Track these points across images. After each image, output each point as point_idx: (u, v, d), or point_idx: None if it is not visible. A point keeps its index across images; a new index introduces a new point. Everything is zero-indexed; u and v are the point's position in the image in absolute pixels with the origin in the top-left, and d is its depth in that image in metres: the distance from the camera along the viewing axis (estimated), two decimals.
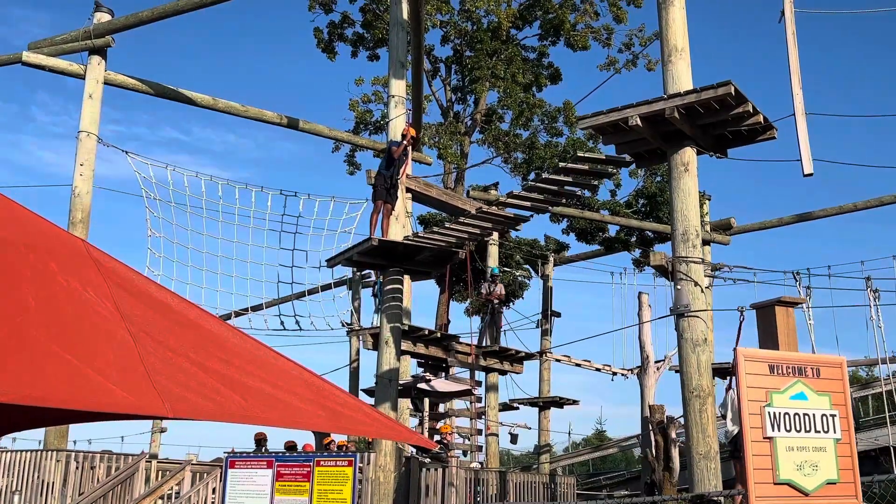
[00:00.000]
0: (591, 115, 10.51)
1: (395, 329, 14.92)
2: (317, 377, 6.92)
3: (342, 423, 6.29)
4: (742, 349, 5.86)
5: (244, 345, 6.79)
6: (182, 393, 5.85)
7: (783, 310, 8.09)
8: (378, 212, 14.71)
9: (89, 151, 18.23)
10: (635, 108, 10.19)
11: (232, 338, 6.79)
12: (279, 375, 6.70)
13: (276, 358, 6.82)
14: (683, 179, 10.39)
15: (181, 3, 18.00)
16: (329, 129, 21.37)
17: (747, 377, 5.63)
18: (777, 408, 5.67)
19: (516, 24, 26.49)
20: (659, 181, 26.05)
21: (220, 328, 6.85)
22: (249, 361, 6.59)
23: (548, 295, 27.23)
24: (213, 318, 6.96)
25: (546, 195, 12.31)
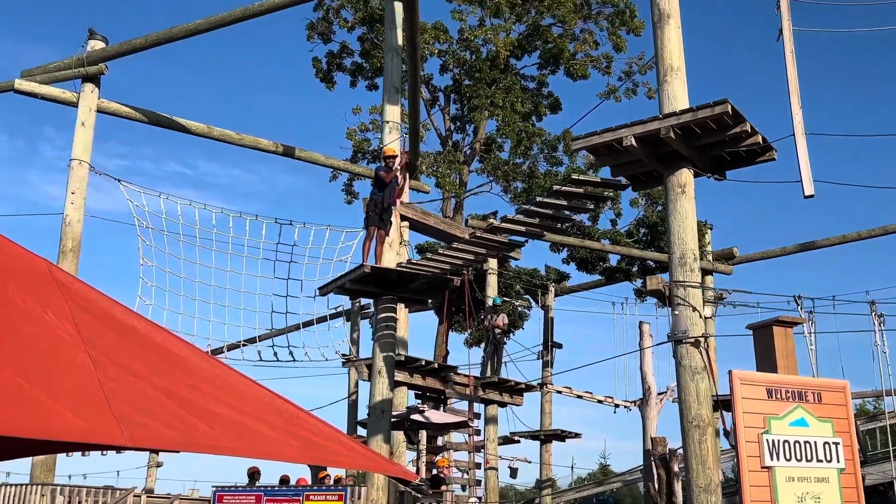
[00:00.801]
0: (584, 135, 10.23)
1: (388, 358, 14.55)
2: (290, 404, 6.54)
3: (315, 452, 5.92)
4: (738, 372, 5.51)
5: (213, 370, 6.43)
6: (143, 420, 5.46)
7: (781, 330, 7.71)
8: (371, 238, 14.39)
9: (81, 180, 18.01)
10: (630, 128, 9.91)
11: (200, 362, 6.43)
12: (249, 402, 6.33)
13: (246, 384, 6.46)
14: (680, 202, 10.09)
15: (174, 31, 17.86)
16: (325, 158, 21.15)
17: (743, 402, 5.28)
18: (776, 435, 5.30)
19: (515, 53, 26.37)
20: (660, 210, 25.75)
21: (188, 352, 6.49)
22: (218, 387, 6.22)
23: (549, 326, 26.83)
24: (181, 342, 6.62)
25: (541, 219, 11.99)
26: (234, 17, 17.43)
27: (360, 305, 25.71)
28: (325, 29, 26.28)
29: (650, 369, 20.28)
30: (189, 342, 6.91)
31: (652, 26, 10.73)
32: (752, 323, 8.72)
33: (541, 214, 11.99)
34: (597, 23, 27.19)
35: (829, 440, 5.62)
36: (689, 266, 9.90)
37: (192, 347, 6.68)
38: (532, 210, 11.85)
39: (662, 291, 9.80)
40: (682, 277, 9.86)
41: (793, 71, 10.08)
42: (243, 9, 17.37)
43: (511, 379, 22.04)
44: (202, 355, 6.70)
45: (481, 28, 25.10)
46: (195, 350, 6.71)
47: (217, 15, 17.57)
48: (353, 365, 21.98)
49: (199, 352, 6.69)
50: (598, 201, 11.55)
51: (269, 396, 6.67)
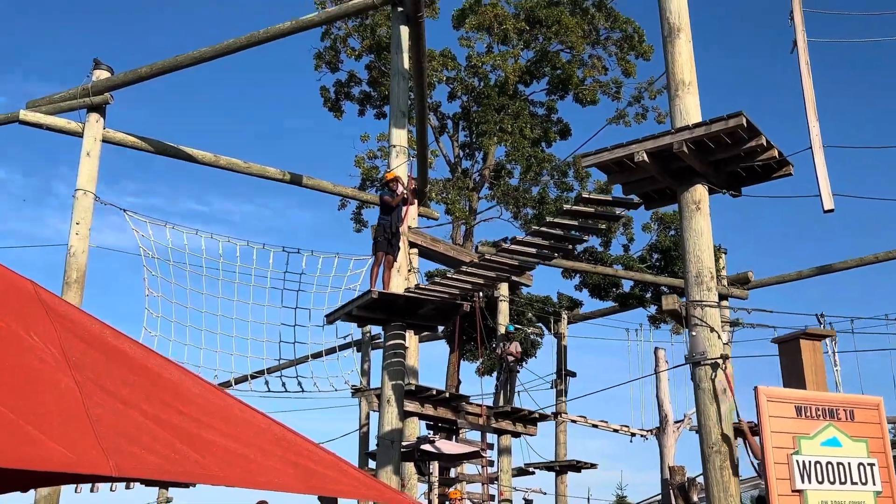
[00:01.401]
0: (594, 152, 9.94)
1: (397, 387, 14.19)
2: (288, 431, 6.18)
3: (314, 481, 5.56)
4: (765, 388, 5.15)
5: (207, 395, 6.08)
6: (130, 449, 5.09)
7: (809, 344, 7.32)
8: (379, 264, 14.10)
9: (86, 210, 17.80)
10: (641, 144, 9.61)
11: (193, 388, 6.08)
12: (245, 429, 5.96)
13: (242, 410, 6.10)
14: (695, 219, 9.75)
15: (180, 59, 17.73)
16: (333, 185, 20.94)
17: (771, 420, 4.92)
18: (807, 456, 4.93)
19: (524, 79, 26.20)
20: (672, 235, 25.40)
21: (180, 377, 6.15)
22: (212, 414, 5.86)
23: (562, 354, 26.41)
24: (174, 367, 6.28)
25: (552, 241, 11.68)
26: (239, 44, 17.29)
27: (370, 335, 25.37)
28: (332, 58, 26.20)
29: (667, 396, 19.81)
30: (182, 366, 6.60)
31: (662, 41, 10.47)
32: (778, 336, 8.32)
33: (551, 236, 11.68)
34: (605, 48, 27.05)
35: (864, 461, 5.24)
36: (706, 285, 9.54)
37: (185, 372, 6.36)
38: (542, 231, 11.55)
39: (679, 312, 9.44)
40: (699, 297, 9.50)
41: (808, 83, 9.78)
42: (248, 36, 17.23)
43: (524, 408, 21.62)
44: (196, 380, 6.37)
45: (489, 55, 24.97)
46: (188, 375, 6.38)
47: (222, 43, 17.43)
48: (362, 395, 21.60)
49: (192, 376, 6.37)
50: (609, 220, 11.24)
51: (265, 422, 6.32)
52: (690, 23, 10.46)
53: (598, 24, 26.41)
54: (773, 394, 5.07)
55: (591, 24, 26.26)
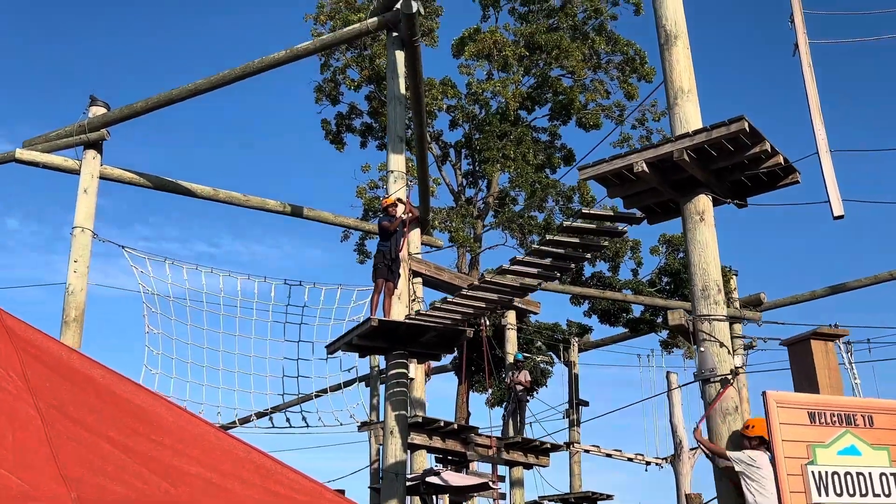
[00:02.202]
0: (592, 164, 9.61)
1: (401, 417, 13.77)
2: (269, 459, 5.78)
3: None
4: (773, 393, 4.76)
5: (182, 422, 5.70)
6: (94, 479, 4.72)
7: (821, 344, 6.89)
8: (379, 291, 13.76)
9: (84, 247, 17.54)
10: (640, 154, 9.28)
11: (167, 415, 5.71)
12: (222, 457, 5.57)
13: (218, 437, 5.71)
14: (699, 230, 9.38)
15: (174, 93, 17.56)
16: (334, 216, 20.67)
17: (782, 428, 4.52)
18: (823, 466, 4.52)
19: (525, 105, 25.99)
20: (682, 258, 24.97)
21: (154, 404, 5.78)
22: (186, 441, 5.48)
23: (573, 383, 25.91)
24: (146, 393, 5.91)
25: (553, 259, 11.32)
26: (234, 75, 17.11)
27: (378, 369, 24.96)
28: (332, 90, 26.08)
29: (681, 422, 19.33)
30: (156, 393, 6.24)
31: (658, 49, 10.18)
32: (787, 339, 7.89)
33: (552, 254, 11.33)
34: (607, 72, 26.85)
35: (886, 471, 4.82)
36: (713, 298, 9.14)
37: (158, 398, 5.99)
38: (543, 250, 11.19)
39: (685, 327, 9.05)
40: (706, 311, 9.10)
41: (812, 86, 9.45)
42: (243, 66, 17.06)
43: (536, 438, 21.13)
44: (170, 407, 6.00)
45: (489, 81, 24.78)
46: (162, 401, 6.01)
47: (217, 74, 17.26)
48: (369, 429, 21.15)
49: (166, 403, 6.00)
50: (611, 237, 10.88)
51: (244, 450, 5.93)
52: (687, 29, 10.17)
53: (598, 49, 26.22)
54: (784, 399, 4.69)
55: (591, 48, 26.08)
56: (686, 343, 25.95)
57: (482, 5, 26.76)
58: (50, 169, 18.29)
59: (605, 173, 9.54)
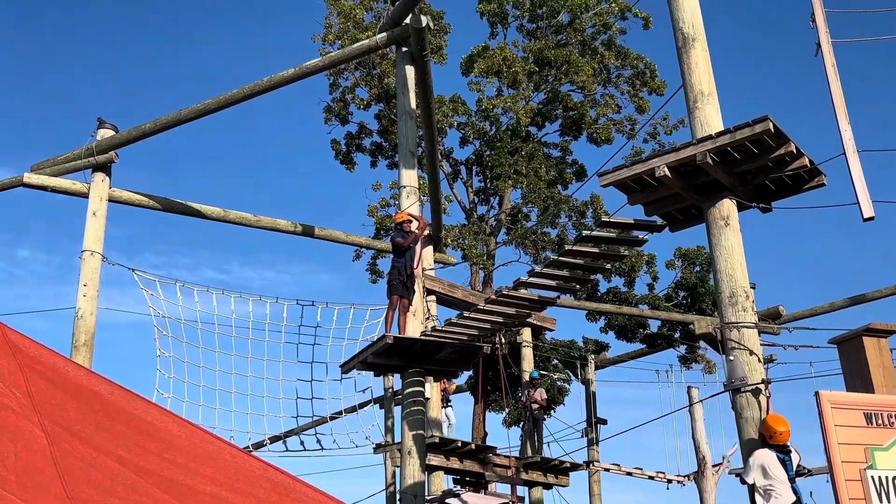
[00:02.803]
0: (612, 169, 9.35)
1: (419, 437, 13.45)
2: (286, 476, 5.49)
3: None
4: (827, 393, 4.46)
5: (194, 439, 5.43)
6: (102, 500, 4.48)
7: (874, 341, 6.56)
8: (393, 308, 13.47)
9: (93, 271, 17.35)
10: (662, 158, 9.02)
11: (179, 432, 5.43)
12: (236, 475, 5.29)
13: (233, 454, 5.43)
14: (724, 235, 9.10)
15: (183, 113, 17.42)
16: (346, 235, 20.44)
17: (838, 431, 4.23)
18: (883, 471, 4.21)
19: (535, 121, 25.77)
20: (698, 271, 24.64)
21: (165, 421, 5.51)
22: (199, 459, 5.21)
23: (591, 401, 25.50)
24: (157, 410, 5.63)
25: (572, 271, 11.04)
26: (243, 94, 16.96)
27: (393, 391, 24.64)
28: (341, 110, 25.93)
29: (703, 438, 18.92)
30: (167, 409, 5.96)
31: (676, 51, 9.93)
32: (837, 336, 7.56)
33: (571, 265, 11.05)
34: (617, 86, 26.62)
35: None
36: (741, 305, 8.84)
37: (170, 415, 5.72)
38: (561, 261, 10.92)
39: (713, 336, 8.74)
40: (734, 318, 8.80)
41: (836, 86, 9.18)
42: (252, 85, 16.90)
43: (554, 458, 20.75)
44: (182, 424, 5.72)
45: (499, 98, 24.58)
46: (174, 418, 5.74)
47: (226, 94, 17.11)
48: (385, 450, 20.80)
49: (178, 420, 5.73)
50: (632, 245, 10.60)
51: (260, 467, 5.64)
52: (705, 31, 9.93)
53: (608, 63, 26.02)
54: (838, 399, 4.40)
55: (601, 63, 25.88)
56: (705, 358, 25.56)
57: (490, 22, 26.63)
58: (58, 193, 18.13)
59: (626, 179, 9.29)
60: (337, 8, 23.97)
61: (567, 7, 25.94)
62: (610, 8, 26.05)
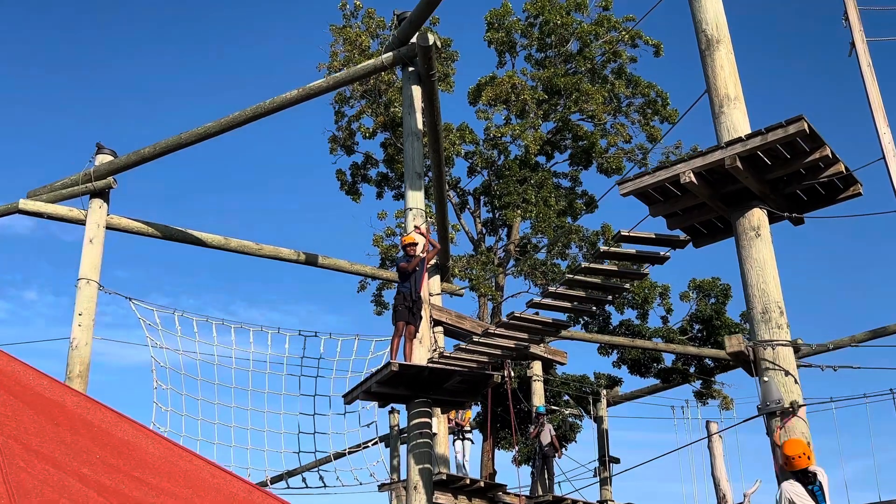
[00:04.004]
0: (634, 177, 8.73)
1: (425, 471, 12.69)
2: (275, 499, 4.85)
3: None
4: None
5: (170, 457, 4.77)
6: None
7: None
8: (399, 335, 12.79)
9: (89, 300, 16.73)
10: (687, 163, 8.40)
11: (151, 447, 4.79)
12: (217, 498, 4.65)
13: (214, 475, 4.77)
14: (755, 247, 8.44)
15: (183, 137, 16.91)
16: (350, 264, 19.81)
17: None
18: None
19: (544, 149, 25.24)
20: (713, 303, 23.91)
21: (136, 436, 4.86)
22: (173, 479, 4.53)
23: (604, 439, 24.67)
24: (128, 422, 4.99)
25: (588, 291, 10.38)
26: (245, 116, 16.46)
27: (398, 429, 23.87)
28: (346, 139, 25.46)
29: (723, 474, 18.09)
30: (140, 424, 5.30)
31: (700, 54, 9.37)
32: None
33: (588, 284, 10.39)
34: (627, 116, 26.12)
35: None
36: (776, 322, 8.17)
37: (143, 429, 5.07)
38: (578, 280, 10.26)
39: (745, 354, 8.05)
40: (768, 336, 8.12)
41: (873, 86, 8.60)
42: (254, 107, 16.41)
43: (567, 497, 19.92)
44: (156, 439, 5.07)
45: (508, 126, 24.08)
46: (147, 433, 5.08)
47: (227, 116, 16.61)
48: (390, 489, 19.98)
49: (152, 435, 5.07)
50: (653, 263, 9.95)
51: (245, 490, 4.97)
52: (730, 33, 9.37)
53: (618, 92, 25.56)
54: None
55: (611, 92, 25.41)
56: (722, 394, 24.72)
57: (498, 52, 26.23)
58: (54, 219, 17.57)
59: (647, 187, 8.66)
60: (342, 35, 23.60)
61: (576, 35, 25.55)
62: (620, 36, 25.64)
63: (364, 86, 24.02)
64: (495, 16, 25.76)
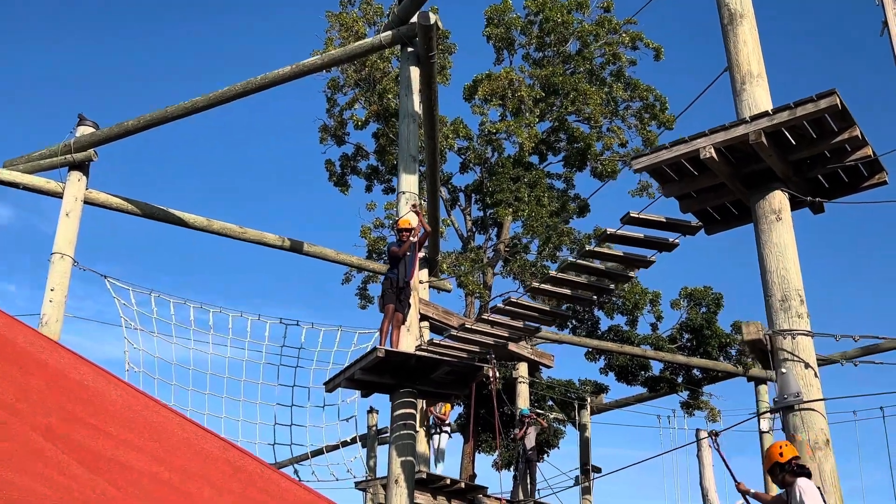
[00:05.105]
0: (649, 151, 8.19)
1: (407, 464, 12.07)
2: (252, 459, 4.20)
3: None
4: None
5: (135, 406, 4.15)
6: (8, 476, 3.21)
7: None
8: (389, 319, 12.18)
9: (62, 275, 16.03)
10: (708, 137, 7.86)
11: (115, 395, 4.17)
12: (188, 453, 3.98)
13: (184, 427, 4.14)
14: (776, 231, 7.91)
15: (170, 111, 16.28)
16: (336, 253, 19.18)
17: None
18: None
19: (539, 149, 24.72)
20: (704, 312, 23.43)
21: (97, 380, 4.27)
22: (138, 430, 3.84)
23: (586, 447, 24.13)
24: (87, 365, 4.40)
25: (589, 276, 9.83)
26: (234, 91, 15.86)
27: (376, 429, 23.23)
28: (337, 130, 24.85)
29: (712, 485, 17.55)
30: (106, 370, 4.69)
31: (721, 29, 8.86)
32: None
33: (591, 271, 9.84)
34: (624, 119, 25.65)
35: None
36: (796, 311, 7.63)
37: (105, 374, 4.46)
38: (580, 264, 9.71)
39: (763, 343, 7.50)
40: (787, 325, 7.59)
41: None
42: (245, 83, 15.81)
43: (547, 503, 19.37)
44: (120, 384, 4.46)
45: (504, 122, 23.54)
46: (109, 377, 4.48)
47: (217, 91, 16.00)
48: (367, 486, 19.33)
49: (113, 379, 4.46)
50: (662, 250, 9.41)
51: (220, 447, 4.35)
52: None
53: (616, 95, 25.09)
54: None
55: (609, 94, 24.94)
56: (709, 405, 24.22)
57: (496, 48, 25.71)
58: (31, 191, 16.88)
59: (663, 163, 8.12)
60: (339, 21, 23.02)
61: (576, 34, 25.08)
62: (620, 38, 25.19)
63: (358, 74, 23.44)
64: (495, 11, 25.26)
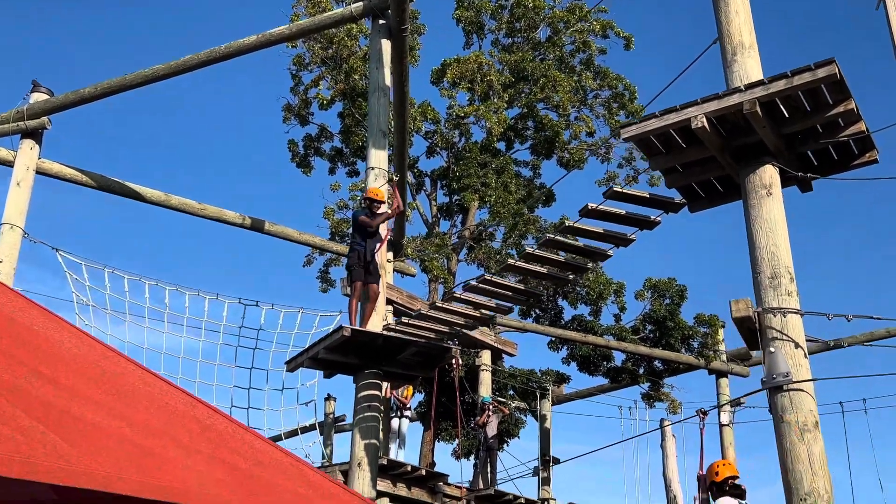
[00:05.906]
0: (638, 120, 7.86)
1: (371, 447, 11.66)
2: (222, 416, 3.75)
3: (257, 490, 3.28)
4: None
5: (90, 355, 3.66)
6: None
7: None
8: (357, 296, 11.72)
9: (12, 246, 15.33)
10: (700, 106, 7.55)
11: (69, 342, 3.70)
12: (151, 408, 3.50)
13: (146, 381, 3.61)
14: (766, 206, 7.64)
15: (129, 78, 15.63)
16: (299, 233, 18.67)
17: None
18: None
19: (507, 136, 24.40)
20: (668, 304, 23.31)
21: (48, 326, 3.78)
22: (94, 381, 3.36)
23: (545, 438, 23.91)
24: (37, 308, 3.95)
25: (570, 253, 9.51)
26: (197, 60, 15.26)
27: (334, 417, 22.77)
28: (301, 109, 24.28)
29: (675, 475, 17.40)
30: (53, 312, 4.22)
31: (712, 2, 8.55)
32: None
33: (569, 247, 9.51)
34: (592, 109, 25.42)
35: None
36: (785, 288, 7.36)
37: (56, 318, 3.99)
38: (558, 240, 9.38)
39: (752, 320, 7.22)
40: (777, 303, 7.31)
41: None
42: (208, 52, 15.23)
43: (509, 493, 19.06)
44: (74, 331, 4.00)
45: (472, 106, 23.17)
46: (61, 323, 4.01)
47: (178, 59, 15.40)
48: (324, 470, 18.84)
49: (67, 326, 4.00)
50: (643, 227, 9.11)
51: (187, 402, 3.89)
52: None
53: (585, 84, 24.84)
54: None
55: (578, 83, 24.68)
56: (670, 397, 24.14)
57: (466, 31, 25.34)
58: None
59: (651, 132, 7.80)
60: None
61: (546, 20, 24.78)
62: (591, 26, 24.94)
63: (325, 51, 22.90)
64: None
